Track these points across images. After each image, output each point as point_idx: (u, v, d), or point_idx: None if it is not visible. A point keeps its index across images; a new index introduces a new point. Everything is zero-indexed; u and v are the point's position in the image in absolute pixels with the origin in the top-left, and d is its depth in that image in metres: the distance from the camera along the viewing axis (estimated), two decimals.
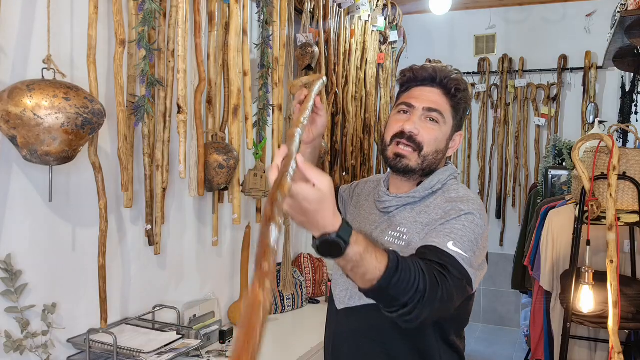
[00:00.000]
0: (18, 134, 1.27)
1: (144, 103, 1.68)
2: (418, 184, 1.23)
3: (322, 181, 0.81)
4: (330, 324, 1.34)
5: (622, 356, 1.91)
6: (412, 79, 1.25)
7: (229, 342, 2.06)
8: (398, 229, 1.19)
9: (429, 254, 1.03)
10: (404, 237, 1.18)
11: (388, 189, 1.28)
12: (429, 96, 1.21)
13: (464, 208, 1.13)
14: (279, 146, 2.49)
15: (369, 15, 3.49)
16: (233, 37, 2.08)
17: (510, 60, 4.50)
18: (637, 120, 3.40)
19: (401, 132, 1.18)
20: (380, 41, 3.85)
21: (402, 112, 1.22)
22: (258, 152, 2.36)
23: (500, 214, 4.60)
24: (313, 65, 2.70)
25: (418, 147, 1.18)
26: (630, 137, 3.48)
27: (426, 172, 1.21)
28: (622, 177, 2.09)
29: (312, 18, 2.82)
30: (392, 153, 1.20)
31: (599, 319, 2.11)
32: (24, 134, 1.27)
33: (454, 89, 1.21)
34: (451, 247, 1.04)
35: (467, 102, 1.27)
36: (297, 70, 2.78)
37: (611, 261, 1.99)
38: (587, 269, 2.11)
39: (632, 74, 3.54)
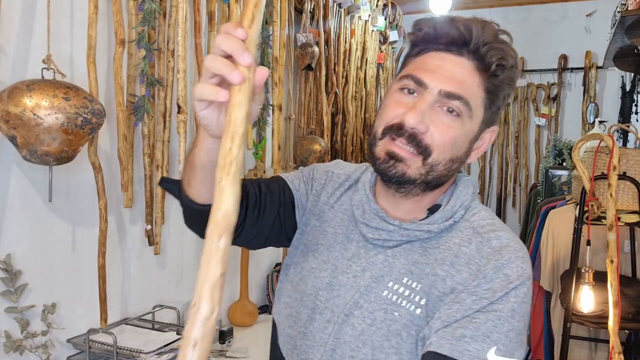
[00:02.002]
0: (18, 134, 1.27)
1: (143, 103, 1.68)
2: (431, 210, 0.82)
3: None
4: None
5: (622, 356, 1.91)
6: (430, 37, 0.79)
7: (229, 342, 2.06)
8: (404, 280, 0.78)
9: None
10: (419, 299, 0.77)
11: (378, 205, 0.84)
12: (453, 72, 0.76)
13: (512, 275, 0.73)
14: (278, 147, 2.49)
15: (369, 15, 3.49)
16: None
17: None
18: (637, 120, 3.40)
19: (399, 125, 0.76)
20: (380, 41, 3.85)
21: (406, 90, 0.78)
22: (258, 152, 2.36)
23: (500, 214, 4.59)
24: (313, 65, 2.70)
25: (424, 152, 0.76)
26: (631, 137, 3.48)
27: (431, 186, 0.80)
28: (623, 177, 2.09)
29: (312, 18, 2.82)
30: (384, 151, 0.77)
31: (599, 319, 2.11)
32: (24, 134, 1.27)
33: (495, 65, 0.76)
34: (493, 359, 0.70)
35: (512, 85, 0.81)
36: (297, 70, 2.78)
37: (611, 261, 1.99)
38: (587, 269, 2.11)
39: (632, 74, 3.54)
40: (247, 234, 0.89)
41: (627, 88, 3.69)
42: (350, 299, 0.80)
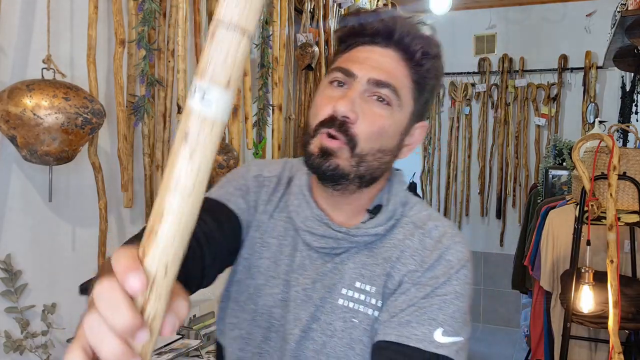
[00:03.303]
0: (18, 133, 1.27)
1: (143, 103, 1.68)
2: (372, 211, 0.81)
3: None
4: None
5: (622, 356, 1.91)
6: (356, 32, 0.80)
7: None
8: (357, 284, 0.78)
9: None
10: (375, 302, 0.77)
11: (321, 211, 0.81)
12: (380, 62, 0.77)
13: (453, 260, 0.76)
14: (278, 147, 2.49)
15: None
16: None
17: (511, 60, 4.50)
18: (637, 120, 3.40)
19: (331, 117, 0.75)
20: None
21: (335, 83, 0.78)
22: (258, 152, 2.36)
23: (500, 214, 4.60)
24: (313, 65, 2.70)
25: (350, 141, 0.75)
26: (631, 137, 3.48)
27: (365, 181, 0.78)
28: (623, 177, 2.09)
29: (312, 18, 2.82)
30: (317, 147, 0.75)
31: (599, 319, 2.11)
32: (24, 133, 1.27)
33: (420, 54, 0.77)
34: (440, 340, 0.71)
35: (439, 77, 0.82)
36: (297, 70, 2.78)
37: (611, 261, 1.99)
38: (587, 269, 2.11)
39: (632, 74, 3.54)
40: (208, 279, 0.78)
41: (627, 88, 3.69)
42: (306, 314, 0.78)
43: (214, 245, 0.77)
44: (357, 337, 0.77)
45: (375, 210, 0.81)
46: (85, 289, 0.75)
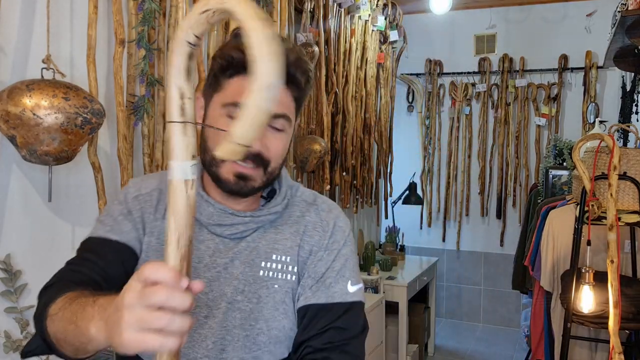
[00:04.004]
0: (17, 133, 1.27)
1: (143, 103, 1.68)
2: (267, 196, 1.00)
3: None
4: None
5: (622, 356, 1.91)
6: (242, 63, 0.85)
7: None
8: (274, 257, 0.93)
9: (333, 322, 0.89)
10: (292, 268, 0.94)
11: (222, 204, 0.93)
12: None
13: (344, 225, 0.99)
14: None
15: (369, 15, 3.49)
16: None
17: (511, 60, 4.50)
18: (637, 120, 3.40)
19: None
20: (380, 41, 3.85)
21: (232, 118, 0.86)
22: None
23: (500, 214, 4.59)
24: (313, 65, 2.70)
25: (264, 164, 0.90)
26: (631, 137, 3.48)
27: (269, 185, 0.96)
28: (623, 177, 2.09)
29: (312, 18, 2.82)
30: (232, 174, 0.88)
31: (600, 319, 2.11)
32: (24, 133, 1.27)
33: (305, 81, 0.91)
34: (351, 290, 0.93)
35: (312, 86, 1.03)
36: None
37: (612, 261, 1.98)
38: (587, 269, 2.10)
39: (633, 74, 3.54)
40: None
41: (628, 88, 3.69)
42: (230, 288, 0.90)
43: (113, 279, 0.87)
44: (279, 299, 0.92)
45: (269, 195, 0.99)
46: (28, 352, 0.84)
